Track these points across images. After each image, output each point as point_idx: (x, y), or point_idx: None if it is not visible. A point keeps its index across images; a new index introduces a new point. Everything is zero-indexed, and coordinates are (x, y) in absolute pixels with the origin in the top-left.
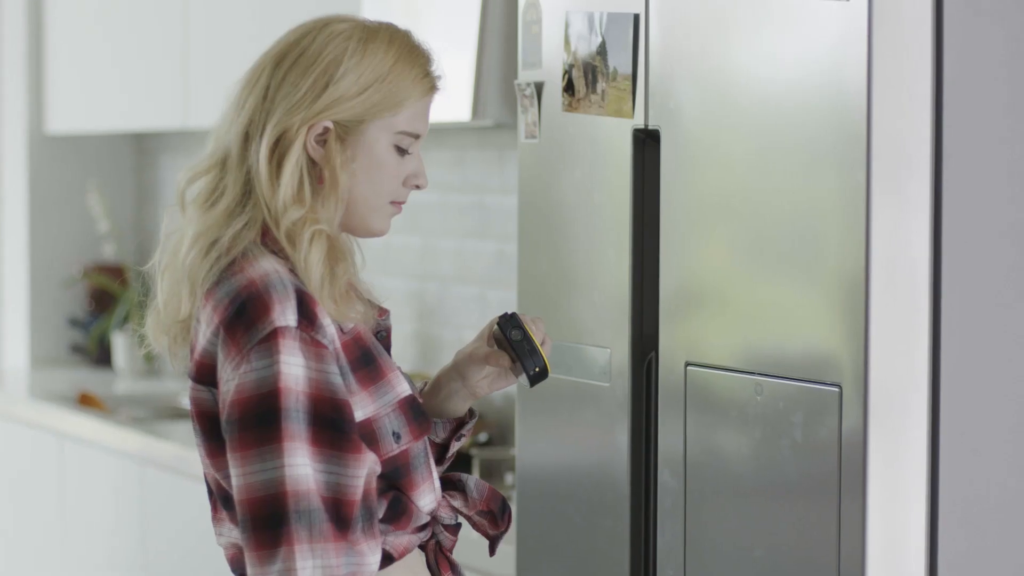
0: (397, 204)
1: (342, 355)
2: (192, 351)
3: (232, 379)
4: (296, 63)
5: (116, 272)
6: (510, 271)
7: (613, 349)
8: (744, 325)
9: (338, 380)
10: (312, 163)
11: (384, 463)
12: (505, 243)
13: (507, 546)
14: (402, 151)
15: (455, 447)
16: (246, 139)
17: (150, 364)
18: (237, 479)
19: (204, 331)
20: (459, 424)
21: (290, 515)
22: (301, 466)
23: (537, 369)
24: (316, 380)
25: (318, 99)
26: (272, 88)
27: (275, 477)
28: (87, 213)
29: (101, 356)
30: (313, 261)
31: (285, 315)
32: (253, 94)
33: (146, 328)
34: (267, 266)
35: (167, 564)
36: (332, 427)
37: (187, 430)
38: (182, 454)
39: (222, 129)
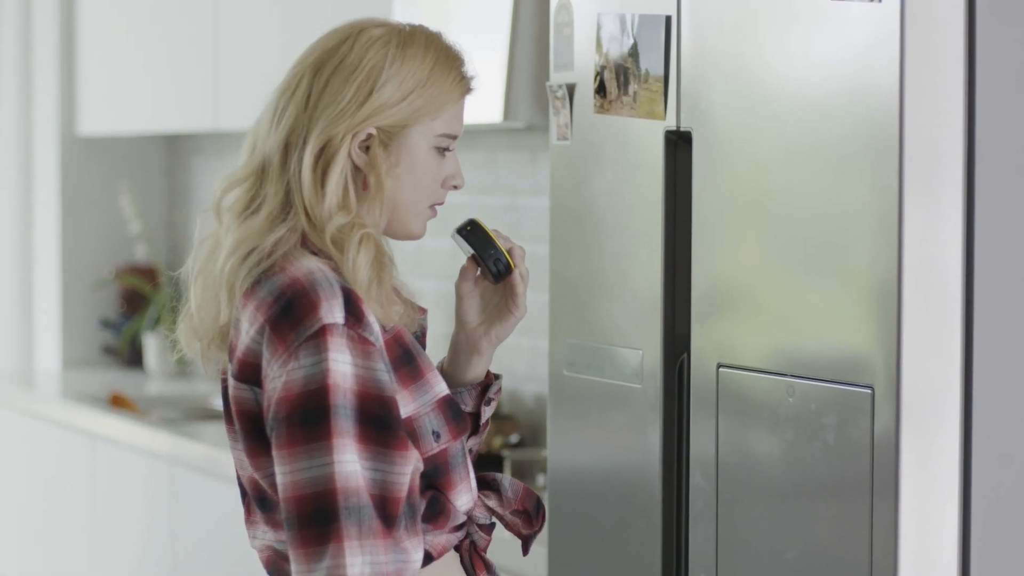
0: (434, 207)
1: (386, 355)
2: (232, 351)
3: (279, 376)
4: (337, 71)
5: (148, 273)
6: (542, 272)
7: (645, 350)
8: (776, 326)
9: (385, 377)
10: (356, 170)
11: (424, 462)
12: (537, 244)
13: (539, 547)
14: (442, 152)
15: (487, 413)
16: (287, 148)
17: (181, 366)
18: (283, 476)
19: (247, 330)
20: (484, 388)
21: (339, 512)
22: (350, 463)
23: (497, 262)
24: (364, 377)
25: (362, 107)
26: (314, 96)
27: (324, 474)
28: (119, 214)
29: (132, 357)
30: (361, 264)
31: (332, 312)
32: (293, 102)
33: (178, 333)
34: (311, 264)
35: (197, 565)
36: (379, 424)
37: (218, 431)
38: (213, 455)
39: (259, 138)
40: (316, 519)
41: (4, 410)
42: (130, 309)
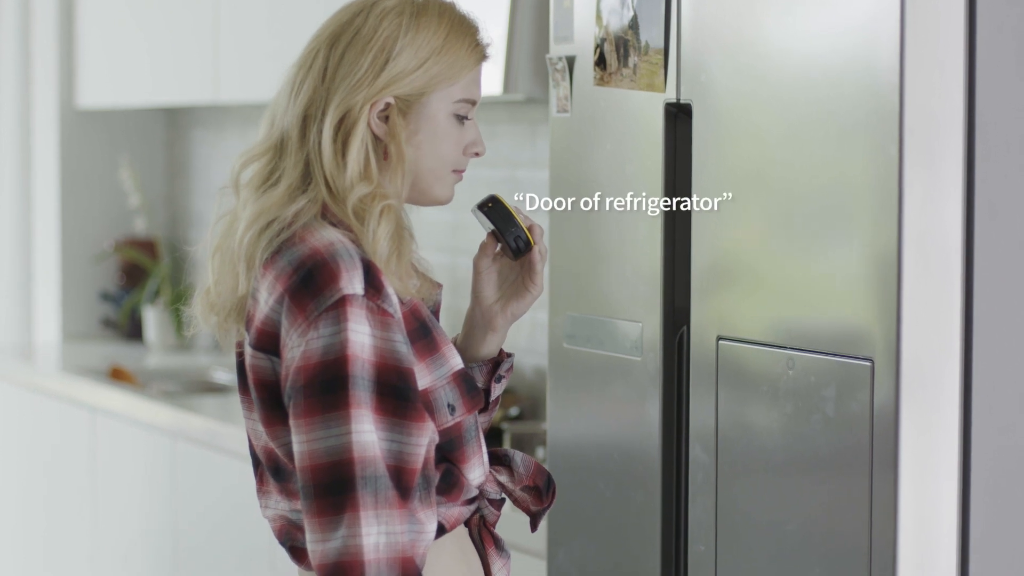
0: (459, 172)
1: (403, 327)
2: (249, 321)
3: (298, 346)
4: (352, 43)
5: (147, 246)
6: None
7: (645, 323)
8: (776, 299)
9: (403, 349)
10: (376, 140)
11: (439, 434)
12: (537, 217)
13: None
14: (461, 119)
15: (497, 390)
16: (305, 121)
17: (181, 338)
18: (300, 446)
19: (265, 299)
20: (495, 365)
21: (356, 481)
22: (367, 432)
23: (518, 239)
24: (382, 348)
25: (379, 76)
26: (331, 69)
27: (341, 443)
28: (118, 187)
29: (132, 330)
30: (382, 235)
31: (352, 283)
32: (310, 76)
33: (193, 308)
34: (331, 235)
35: (198, 537)
36: (397, 395)
37: (218, 404)
38: (214, 428)
39: (277, 112)
40: (332, 488)
41: (4, 383)
42: (130, 282)
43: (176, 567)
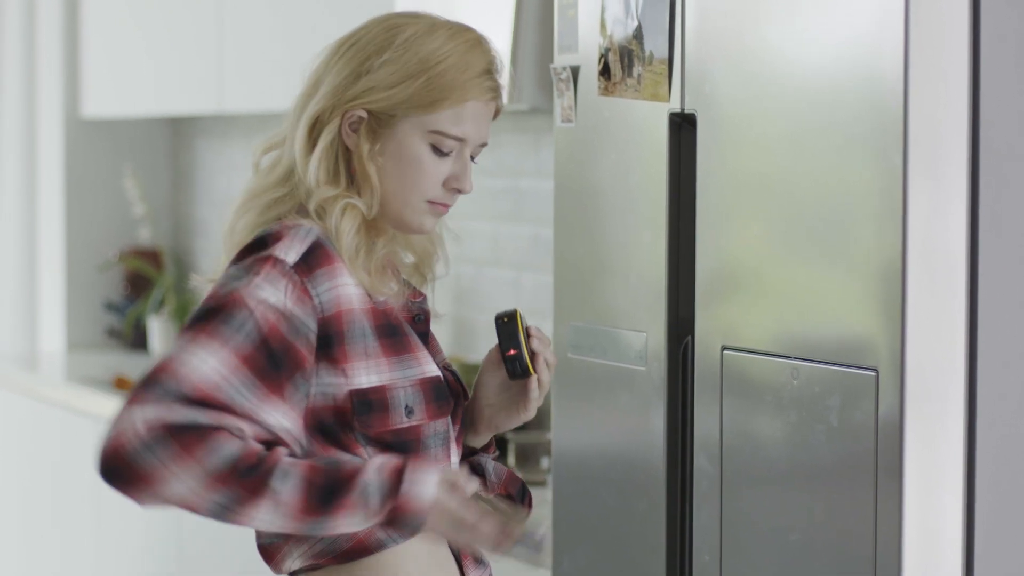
0: (437, 205)
1: (366, 319)
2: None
3: (214, 283)
4: (348, 50)
5: (152, 256)
6: (545, 255)
7: (649, 333)
8: (780, 309)
9: (305, 331)
10: (346, 149)
11: (392, 433)
12: (540, 227)
13: (542, 529)
14: (441, 152)
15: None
16: (298, 118)
17: None
18: (168, 351)
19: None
20: (470, 451)
21: (157, 382)
22: (204, 362)
23: (515, 361)
24: (284, 315)
25: (354, 85)
26: (325, 72)
27: (175, 357)
28: (123, 197)
29: (137, 340)
30: (344, 230)
31: (288, 252)
32: (312, 75)
33: (199, 282)
34: (303, 221)
35: (202, 546)
36: (269, 360)
37: None
38: None
39: (293, 105)
40: (141, 381)
41: (8, 392)
42: (134, 292)
43: None
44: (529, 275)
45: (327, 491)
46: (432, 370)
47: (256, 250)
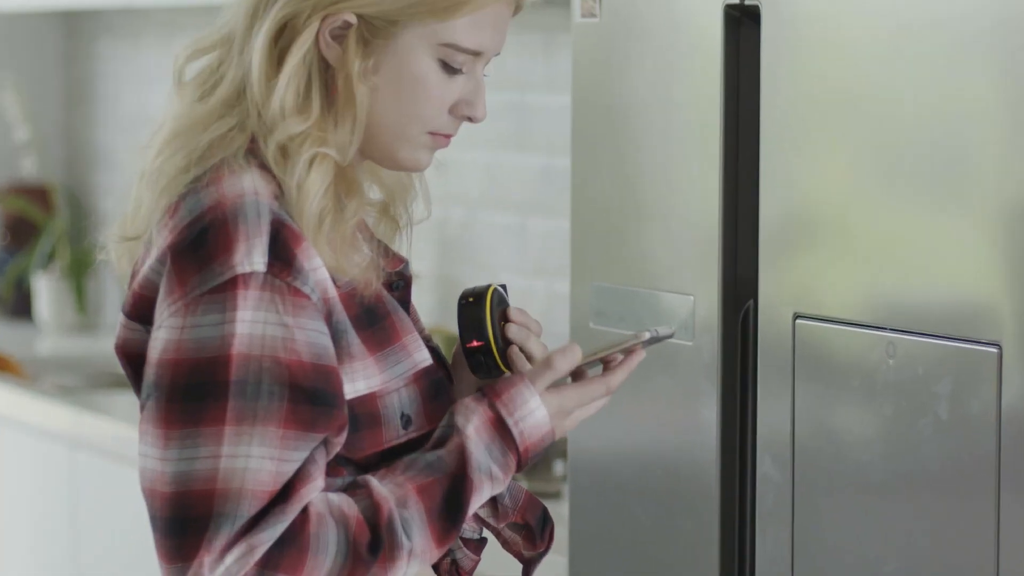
0: (439, 136)
1: (339, 309)
2: (133, 277)
3: (170, 327)
4: None
5: (39, 194)
6: (559, 193)
7: (697, 296)
8: (871, 266)
9: (324, 341)
10: (326, 66)
11: (382, 455)
12: (553, 156)
13: (556, 555)
14: (451, 70)
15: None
16: (254, 16)
17: (83, 315)
18: (148, 461)
19: (153, 254)
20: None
21: (210, 521)
22: (255, 457)
23: (476, 344)
24: (292, 341)
25: None
26: None
27: (202, 470)
28: (1, 116)
29: (19, 305)
30: (312, 189)
31: (251, 257)
32: None
33: (108, 239)
34: (247, 183)
35: (103, 566)
36: (314, 400)
37: (131, 403)
38: (124, 434)
39: None
40: (182, 528)
41: None
42: (15, 241)
43: None
44: (537, 220)
45: (451, 507)
46: (424, 357)
47: (201, 259)
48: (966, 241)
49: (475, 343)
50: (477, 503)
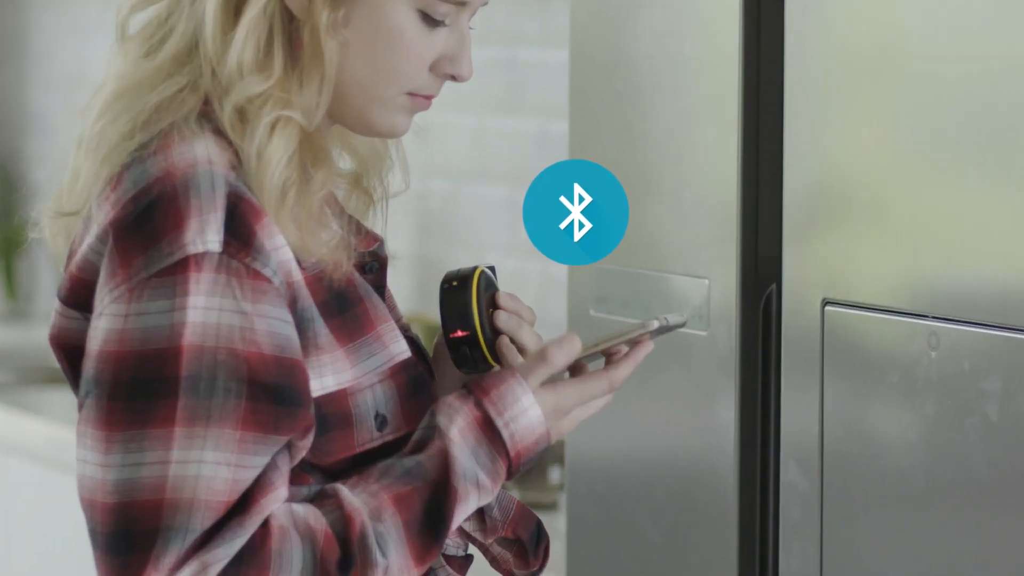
0: (419, 97)
1: (305, 294)
2: (70, 258)
3: (112, 315)
4: None
5: None
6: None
7: (713, 280)
8: (911, 245)
9: (287, 331)
10: (290, 17)
11: (354, 459)
12: (549, 120)
13: (552, 572)
14: (433, 21)
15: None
16: None
17: (13, 301)
18: (87, 467)
19: (92, 232)
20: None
21: (158, 535)
22: (208, 464)
23: (461, 334)
24: (251, 331)
25: None
26: None
27: (148, 477)
28: None
29: None
30: (273, 157)
31: (204, 235)
32: None
33: (41, 215)
34: (198, 151)
35: None
36: (276, 398)
37: (70, 401)
38: (60, 437)
39: None
40: (125, 543)
41: None
42: None
43: None
44: None
45: (432, 520)
46: (401, 350)
47: (147, 237)
48: (1019, 217)
49: (460, 333)
50: (462, 515)
